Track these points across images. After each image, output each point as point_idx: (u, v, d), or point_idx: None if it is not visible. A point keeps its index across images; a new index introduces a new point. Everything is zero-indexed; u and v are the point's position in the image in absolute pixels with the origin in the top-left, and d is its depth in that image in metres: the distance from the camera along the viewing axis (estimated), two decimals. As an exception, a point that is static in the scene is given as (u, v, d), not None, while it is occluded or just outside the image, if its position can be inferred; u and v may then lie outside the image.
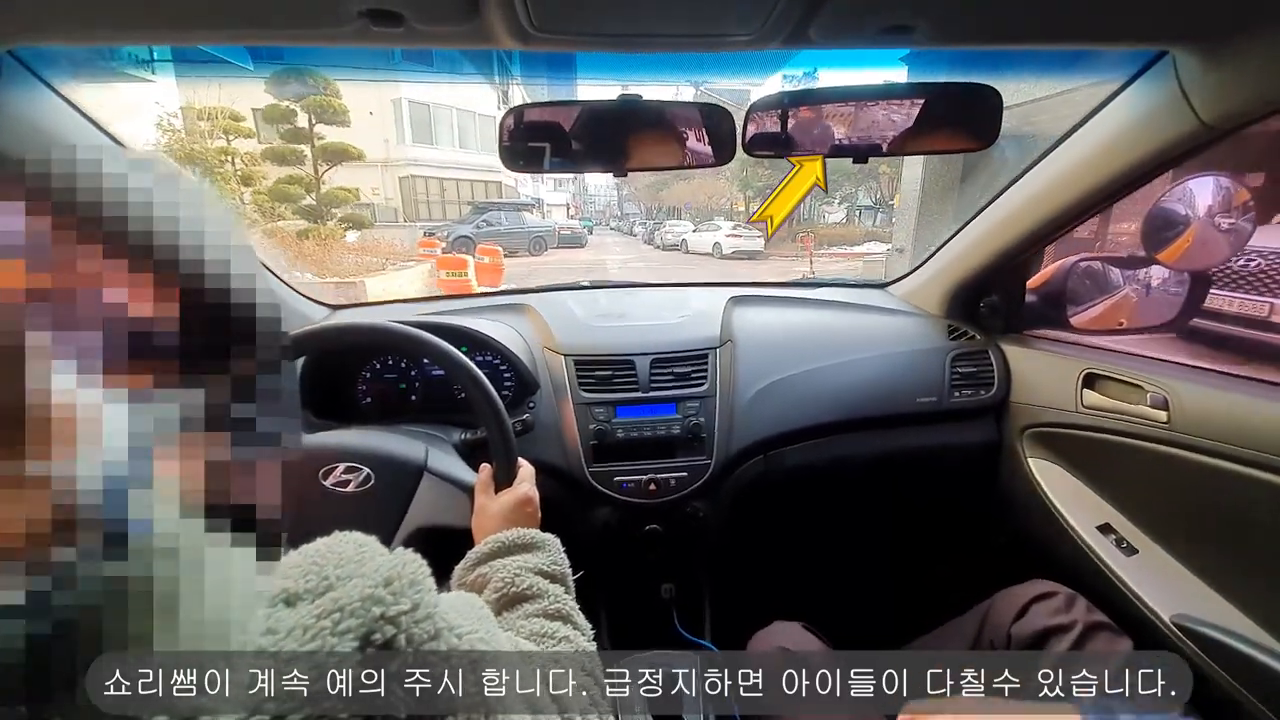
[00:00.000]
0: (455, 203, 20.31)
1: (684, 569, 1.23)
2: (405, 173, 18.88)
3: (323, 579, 0.35)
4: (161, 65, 8.53)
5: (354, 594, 0.34)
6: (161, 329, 0.27)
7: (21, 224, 0.26)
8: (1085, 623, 0.79)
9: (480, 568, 0.64)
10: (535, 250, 16.06)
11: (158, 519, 0.26)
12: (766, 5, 0.56)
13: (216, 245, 0.30)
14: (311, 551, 0.37)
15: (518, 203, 19.20)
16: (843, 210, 23.53)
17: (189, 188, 0.30)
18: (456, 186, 20.86)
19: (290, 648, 0.31)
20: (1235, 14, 0.64)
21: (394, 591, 0.35)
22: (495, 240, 14.32)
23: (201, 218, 0.30)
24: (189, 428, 0.28)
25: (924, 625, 0.99)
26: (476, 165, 20.97)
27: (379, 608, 0.33)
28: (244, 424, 0.30)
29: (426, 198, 19.81)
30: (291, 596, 0.34)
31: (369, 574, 0.35)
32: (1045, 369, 1.18)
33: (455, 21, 0.59)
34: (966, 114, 0.84)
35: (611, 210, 38.34)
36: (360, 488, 0.80)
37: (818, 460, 1.21)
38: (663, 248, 19.16)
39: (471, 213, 16.84)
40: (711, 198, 24.79)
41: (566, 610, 0.61)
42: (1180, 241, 0.97)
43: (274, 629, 0.31)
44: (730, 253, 15.33)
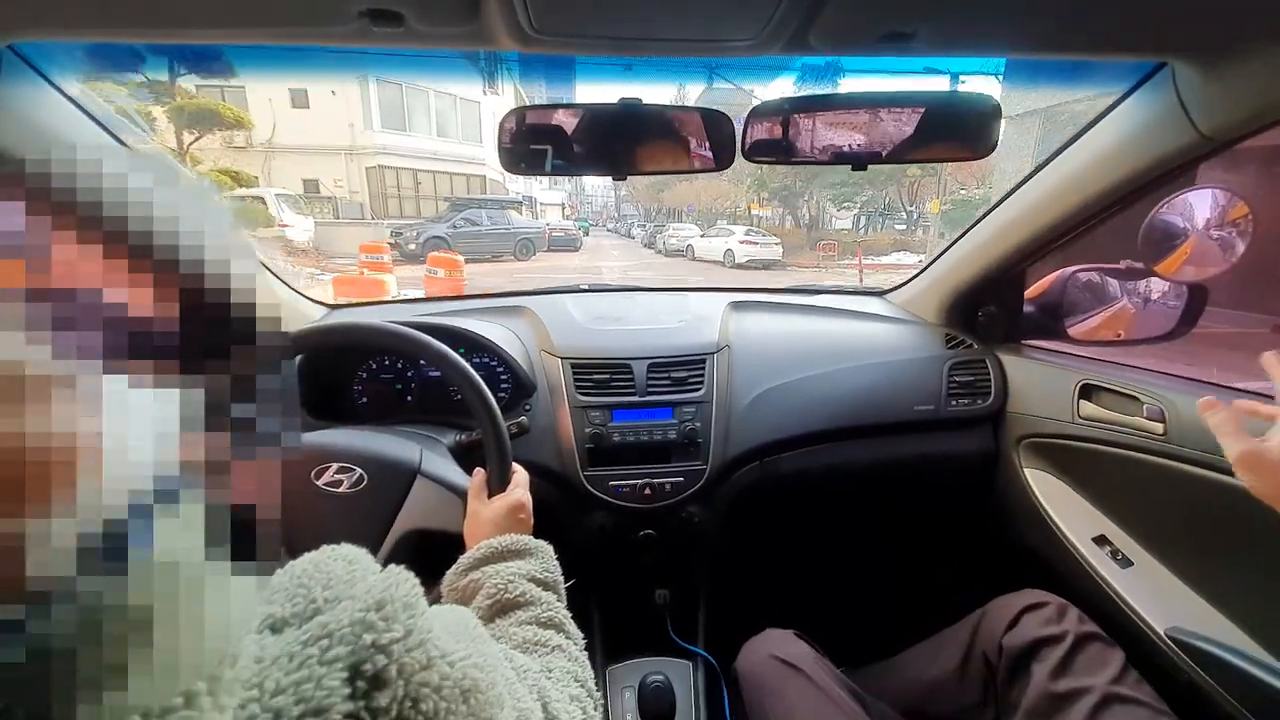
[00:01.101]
0: (432, 198, 17.63)
1: (678, 575, 1.22)
2: (373, 162, 16.41)
3: (310, 601, 0.34)
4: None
5: (343, 619, 0.32)
6: (161, 328, 0.27)
7: (22, 224, 0.26)
8: (1076, 633, 0.78)
9: (472, 573, 0.63)
10: (522, 254, 14.28)
11: (162, 538, 0.25)
12: (766, 11, 0.56)
13: (216, 244, 0.30)
14: (298, 571, 0.36)
15: (502, 199, 16.86)
16: (849, 218, 22.59)
17: (189, 187, 0.30)
18: (433, 180, 18.03)
19: (275, 677, 0.29)
20: (1235, 26, 0.64)
21: (386, 616, 0.33)
22: (475, 242, 12.96)
23: (202, 217, 0.30)
24: (189, 427, 0.27)
25: (917, 634, 0.99)
26: (457, 156, 18.42)
27: (370, 634, 0.32)
28: (244, 424, 0.30)
29: (398, 192, 17.26)
30: (278, 622, 0.33)
31: (359, 596, 0.34)
32: (1042, 379, 1.18)
33: (455, 23, 0.59)
34: (964, 124, 0.85)
35: (609, 211, 37.52)
36: (353, 489, 0.80)
37: (814, 467, 1.21)
38: (666, 253, 17.67)
39: (448, 210, 14.81)
40: (716, 199, 23.74)
41: (559, 618, 0.61)
42: (1178, 253, 0.97)
43: (260, 657, 0.30)
44: (744, 261, 13.95)
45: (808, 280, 11.55)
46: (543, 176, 1.60)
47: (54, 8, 0.61)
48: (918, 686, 0.92)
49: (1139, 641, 0.88)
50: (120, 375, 0.25)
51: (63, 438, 0.23)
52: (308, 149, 15.74)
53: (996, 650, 0.83)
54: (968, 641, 0.88)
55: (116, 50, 6.64)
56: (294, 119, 15.39)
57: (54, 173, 0.26)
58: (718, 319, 1.27)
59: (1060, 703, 0.73)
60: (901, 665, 0.98)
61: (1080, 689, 0.73)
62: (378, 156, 16.48)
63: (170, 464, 0.26)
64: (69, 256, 0.26)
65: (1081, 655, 0.77)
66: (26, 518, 0.22)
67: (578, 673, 0.56)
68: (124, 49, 7.20)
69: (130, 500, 0.24)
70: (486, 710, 0.37)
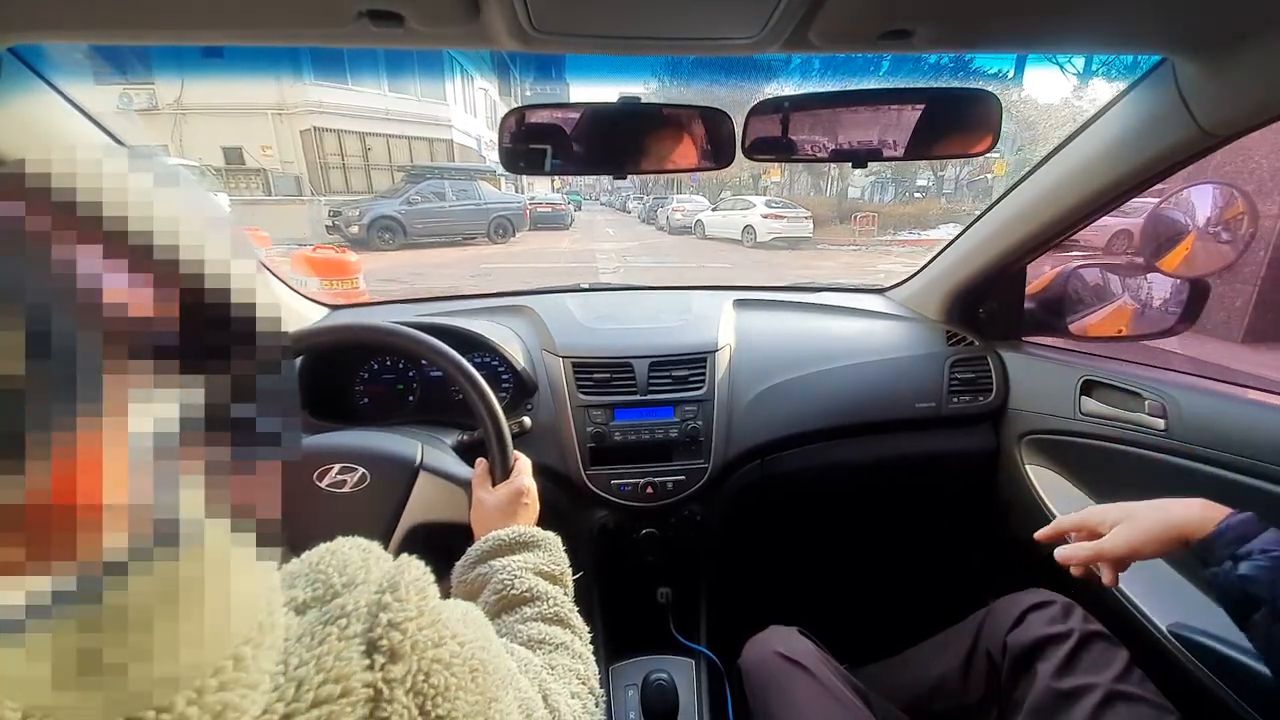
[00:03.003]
0: (386, 167, 14.01)
1: (680, 573, 1.22)
2: (307, 124, 12.95)
3: (329, 586, 0.36)
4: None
5: (360, 600, 0.35)
6: (161, 329, 0.27)
7: (22, 225, 0.26)
8: (1081, 632, 0.78)
9: (480, 567, 0.64)
10: (498, 235, 11.44)
11: (187, 519, 0.27)
12: (766, 8, 0.56)
13: (217, 244, 0.30)
14: (315, 559, 0.39)
15: (471, 168, 13.25)
16: (859, 188, 19.08)
17: (189, 186, 0.30)
18: (387, 145, 14.37)
19: (299, 653, 0.32)
20: (1235, 21, 0.64)
21: (399, 597, 0.36)
22: (438, 221, 10.36)
23: (202, 217, 0.30)
24: (190, 428, 0.27)
25: (921, 632, 0.99)
26: (417, 116, 14.83)
27: (385, 614, 0.35)
28: (244, 424, 0.30)
29: (342, 160, 13.61)
30: (300, 605, 0.35)
31: (374, 580, 0.37)
32: (1044, 375, 1.18)
33: (455, 22, 0.59)
34: (967, 119, 0.85)
35: (602, 185, 35.43)
36: (356, 488, 0.80)
37: (816, 465, 1.21)
38: (670, 230, 14.85)
39: (404, 181, 11.47)
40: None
41: (564, 614, 0.61)
42: (1179, 249, 0.97)
43: (286, 635, 0.32)
44: (769, 239, 11.56)
45: (856, 263, 9.73)
46: (544, 175, 1.60)
47: (53, 9, 0.61)
48: (922, 684, 0.92)
49: (1142, 638, 0.88)
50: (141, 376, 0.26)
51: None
52: (227, 109, 12.65)
53: (1001, 648, 0.83)
54: (972, 639, 0.88)
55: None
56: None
57: (54, 173, 0.26)
58: (719, 317, 1.27)
59: (1064, 700, 0.73)
60: (905, 662, 0.98)
61: (1084, 686, 0.73)
62: (312, 116, 12.92)
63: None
64: (69, 257, 0.26)
65: (1086, 653, 0.77)
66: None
67: (580, 670, 0.57)
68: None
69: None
70: (492, 690, 0.39)
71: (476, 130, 18.42)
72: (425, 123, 15.14)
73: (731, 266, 9.77)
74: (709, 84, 14.50)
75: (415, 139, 15.09)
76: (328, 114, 13.12)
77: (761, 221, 11.69)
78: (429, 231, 10.45)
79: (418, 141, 15.17)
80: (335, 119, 13.29)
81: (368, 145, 14.17)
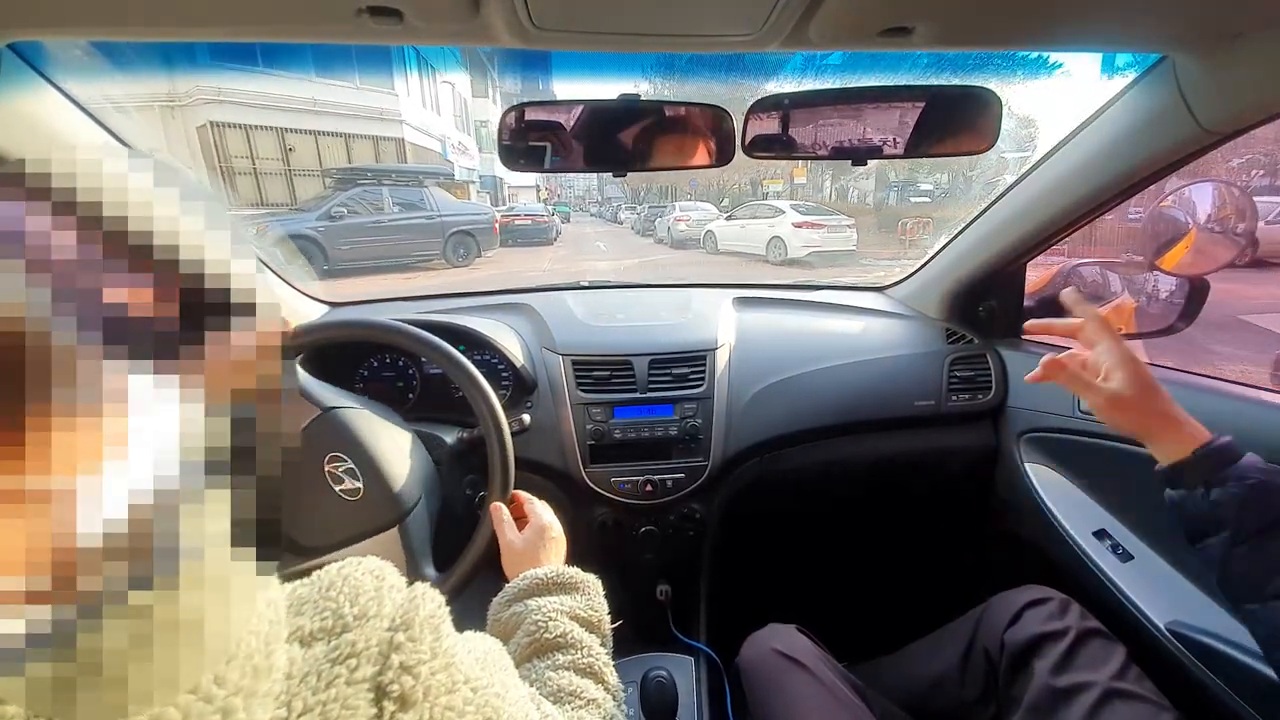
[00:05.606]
0: (315, 173, 10.69)
1: (680, 570, 1.22)
2: (202, 119, 9.88)
3: (339, 617, 0.34)
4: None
5: (371, 638, 0.33)
6: (161, 329, 0.27)
7: (21, 224, 0.26)
8: (1078, 629, 0.79)
9: (515, 605, 0.62)
10: (456, 258, 8.86)
11: (188, 537, 0.25)
12: (765, 6, 0.56)
13: (216, 243, 0.30)
14: (325, 584, 0.36)
15: (421, 170, 10.43)
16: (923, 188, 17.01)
17: (189, 186, 0.31)
18: (317, 144, 11.03)
19: (303, 696, 0.30)
20: (1235, 20, 0.64)
21: (413, 637, 0.34)
22: (372, 242, 7.92)
23: (202, 216, 0.30)
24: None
25: (919, 629, 0.99)
26: (355, 109, 11.53)
27: (398, 655, 0.33)
28: (244, 423, 0.30)
29: (253, 163, 10.36)
30: (306, 636, 0.33)
31: (386, 614, 0.35)
32: None
33: (455, 19, 0.59)
34: (967, 117, 0.84)
35: (592, 195, 33.79)
36: (350, 497, 0.80)
37: (815, 463, 1.21)
38: (672, 243, 12.74)
39: (332, 188, 8.70)
40: (723, 173, 17.91)
41: (599, 667, 0.57)
42: (1179, 247, 0.97)
43: (290, 673, 0.31)
44: (804, 254, 9.14)
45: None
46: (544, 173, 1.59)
47: (53, 6, 0.61)
48: (919, 681, 0.92)
49: (1140, 635, 0.88)
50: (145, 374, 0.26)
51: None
52: (102, 104, 9.73)
53: (998, 646, 0.83)
54: (969, 637, 0.88)
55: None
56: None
57: (54, 172, 0.26)
58: (719, 315, 1.27)
59: (1062, 698, 0.73)
60: (903, 660, 0.98)
61: (1081, 684, 0.73)
62: (208, 108, 9.78)
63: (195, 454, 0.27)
64: (69, 257, 0.26)
65: (1083, 651, 0.77)
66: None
67: None
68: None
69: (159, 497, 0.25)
70: None
71: (441, 130, 16.45)
72: (368, 117, 11.79)
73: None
74: (704, 83, 13.96)
75: (356, 137, 11.77)
76: (231, 104, 10.00)
77: (794, 232, 9.31)
78: (360, 255, 7.82)
79: (359, 140, 11.83)
80: (242, 111, 10.14)
81: (289, 145, 10.87)
